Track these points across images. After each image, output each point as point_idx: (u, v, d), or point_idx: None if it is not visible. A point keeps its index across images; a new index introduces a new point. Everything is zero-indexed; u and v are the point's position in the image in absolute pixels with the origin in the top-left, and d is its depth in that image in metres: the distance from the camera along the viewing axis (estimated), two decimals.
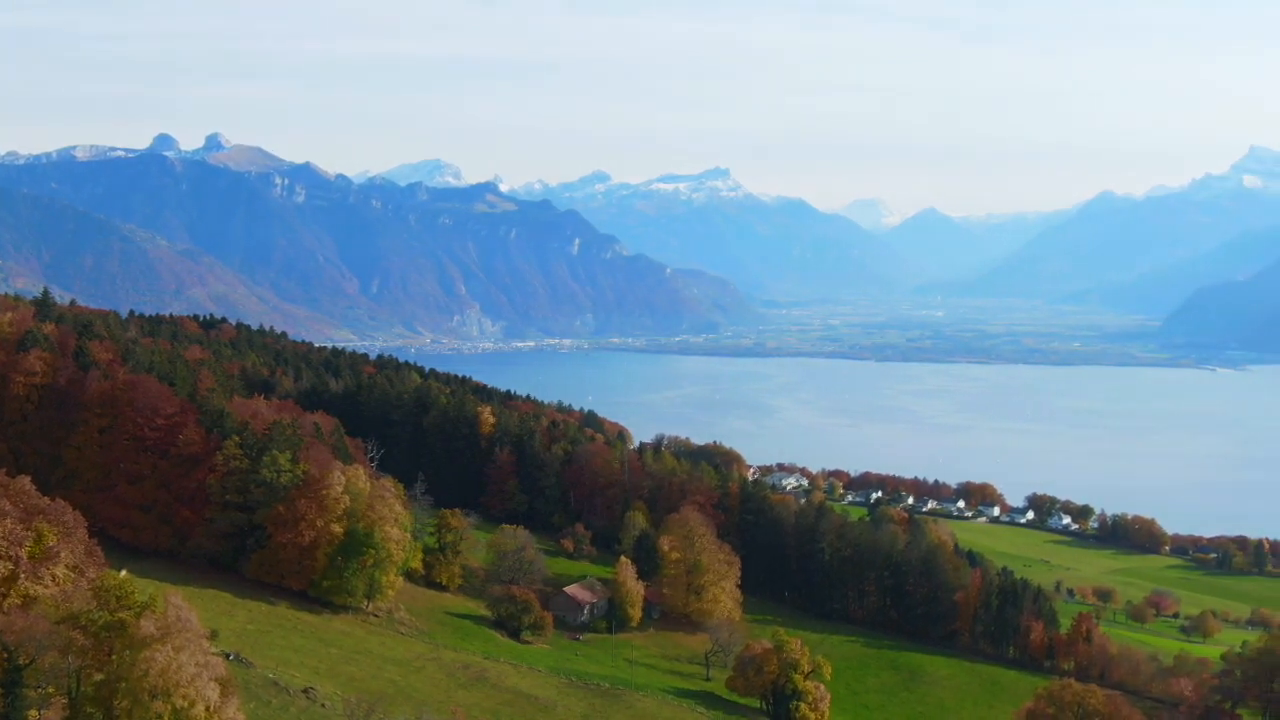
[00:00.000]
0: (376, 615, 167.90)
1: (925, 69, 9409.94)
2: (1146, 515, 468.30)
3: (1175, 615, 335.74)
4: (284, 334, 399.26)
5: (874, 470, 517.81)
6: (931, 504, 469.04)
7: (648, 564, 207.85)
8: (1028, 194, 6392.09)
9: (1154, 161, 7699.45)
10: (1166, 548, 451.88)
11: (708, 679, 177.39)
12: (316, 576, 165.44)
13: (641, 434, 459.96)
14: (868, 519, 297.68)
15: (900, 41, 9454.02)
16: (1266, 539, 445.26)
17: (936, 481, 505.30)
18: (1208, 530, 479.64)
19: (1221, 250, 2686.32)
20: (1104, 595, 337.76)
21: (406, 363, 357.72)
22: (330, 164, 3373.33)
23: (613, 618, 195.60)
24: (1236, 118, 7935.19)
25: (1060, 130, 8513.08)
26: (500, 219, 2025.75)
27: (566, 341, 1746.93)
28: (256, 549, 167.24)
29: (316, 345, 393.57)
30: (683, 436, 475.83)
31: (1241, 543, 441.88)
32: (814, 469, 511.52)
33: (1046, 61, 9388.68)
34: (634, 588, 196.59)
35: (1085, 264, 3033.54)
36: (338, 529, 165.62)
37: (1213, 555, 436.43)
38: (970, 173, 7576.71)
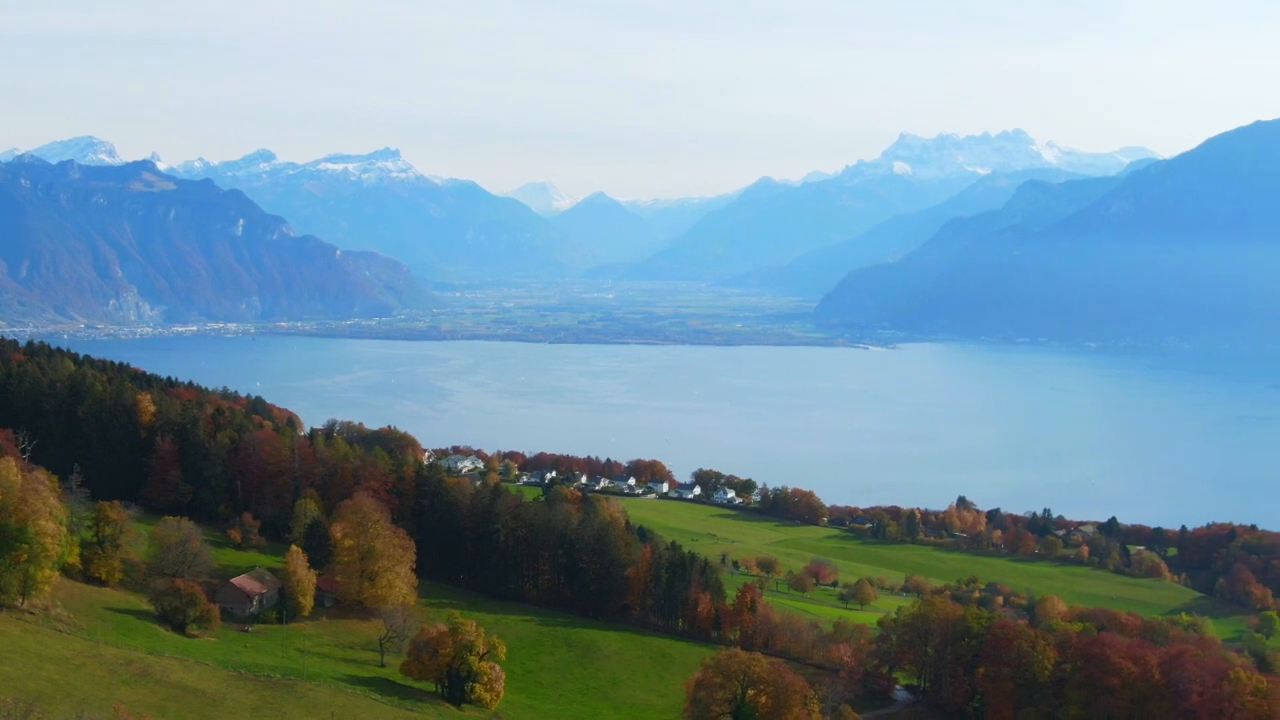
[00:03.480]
0: (32, 613, 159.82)
1: (594, 56, 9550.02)
2: (806, 488, 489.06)
3: (834, 584, 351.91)
4: None
5: (548, 451, 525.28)
6: (604, 482, 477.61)
7: (320, 552, 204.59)
8: (692, 180, 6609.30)
9: (811, 148, 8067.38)
10: (825, 519, 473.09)
11: (383, 665, 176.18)
12: None
13: (312, 420, 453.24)
14: (542, 499, 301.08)
15: (567, 28, 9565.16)
16: (918, 509, 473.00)
17: (608, 460, 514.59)
18: (863, 501, 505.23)
19: (873, 234, 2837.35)
20: (767, 566, 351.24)
21: (59, 349, 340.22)
22: None
23: (283, 608, 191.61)
24: (888, 106, 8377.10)
25: (723, 118, 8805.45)
26: (159, 198, 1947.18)
27: (232, 326, 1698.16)
28: None
29: None
30: (356, 422, 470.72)
31: (894, 513, 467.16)
32: (489, 451, 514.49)
33: (710, 51, 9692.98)
34: (305, 576, 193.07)
35: (747, 248, 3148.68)
36: None
37: (868, 525, 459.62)
38: (638, 158, 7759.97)
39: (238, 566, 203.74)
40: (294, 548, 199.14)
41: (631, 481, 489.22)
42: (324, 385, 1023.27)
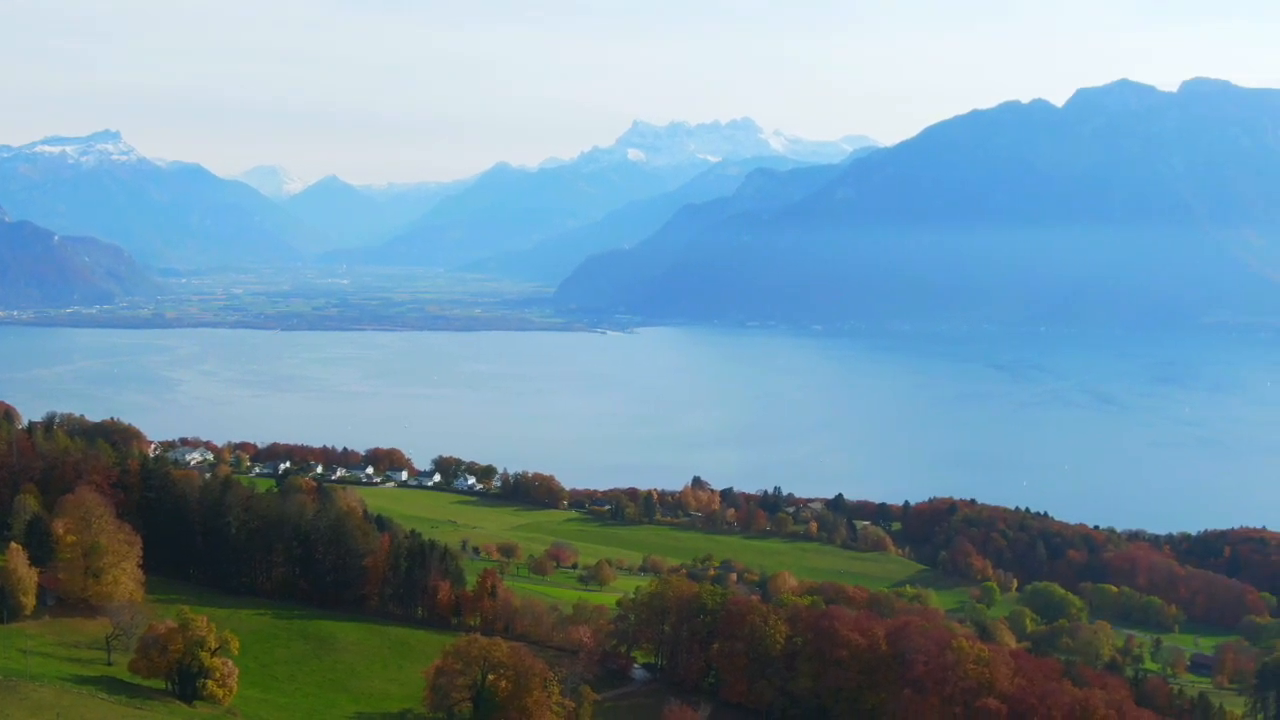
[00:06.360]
0: None
1: (324, 36, 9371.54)
2: (546, 472, 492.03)
3: (574, 566, 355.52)
4: None
5: (282, 441, 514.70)
6: (341, 472, 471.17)
7: (41, 549, 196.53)
8: (428, 164, 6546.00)
9: (547, 134, 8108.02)
10: (565, 502, 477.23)
11: (110, 663, 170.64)
12: None
13: (30, 412, 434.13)
14: (276, 490, 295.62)
15: (295, 5, 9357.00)
16: (655, 490, 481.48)
17: (345, 449, 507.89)
18: (601, 484, 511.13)
19: (609, 220, 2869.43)
20: (508, 551, 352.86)
21: None
22: None
23: (3, 607, 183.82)
24: (622, 92, 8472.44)
25: (458, 102, 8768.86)
26: None
27: None
28: None
29: None
30: (77, 414, 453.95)
31: (632, 494, 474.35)
32: (220, 442, 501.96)
33: (444, 35, 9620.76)
34: (26, 574, 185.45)
35: (484, 233, 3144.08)
36: None
37: (607, 507, 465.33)
38: (371, 142, 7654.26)
39: None
40: (13, 545, 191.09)
41: (369, 470, 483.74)
42: (42, 376, 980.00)
